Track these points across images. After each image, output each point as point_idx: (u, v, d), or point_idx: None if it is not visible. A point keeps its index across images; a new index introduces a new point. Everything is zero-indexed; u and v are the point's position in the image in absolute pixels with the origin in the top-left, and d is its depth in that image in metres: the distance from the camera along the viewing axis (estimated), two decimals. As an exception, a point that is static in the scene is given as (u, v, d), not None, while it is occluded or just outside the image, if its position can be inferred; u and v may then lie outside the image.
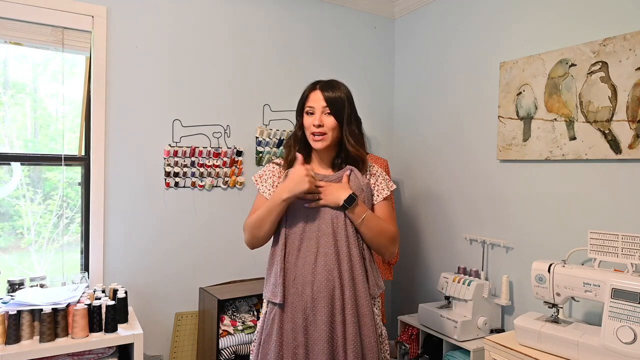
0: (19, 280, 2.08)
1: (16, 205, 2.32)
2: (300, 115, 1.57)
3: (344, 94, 1.54)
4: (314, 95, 1.53)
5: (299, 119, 1.58)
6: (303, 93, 1.58)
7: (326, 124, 1.50)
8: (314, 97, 1.52)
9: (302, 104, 1.56)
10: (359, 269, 1.49)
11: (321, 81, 1.57)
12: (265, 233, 1.52)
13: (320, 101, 1.51)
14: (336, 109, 1.51)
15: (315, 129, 1.50)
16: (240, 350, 2.45)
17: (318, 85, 1.54)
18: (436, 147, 3.02)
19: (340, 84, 1.57)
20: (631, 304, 1.58)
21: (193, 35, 2.64)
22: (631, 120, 1.95)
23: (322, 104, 1.50)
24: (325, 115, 1.51)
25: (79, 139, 2.42)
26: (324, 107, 1.50)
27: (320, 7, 3.08)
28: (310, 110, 1.52)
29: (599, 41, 2.06)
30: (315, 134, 1.51)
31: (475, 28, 2.73)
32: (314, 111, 1.52)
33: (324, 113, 1.51)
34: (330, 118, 1.51)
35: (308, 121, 1.52)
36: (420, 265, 3.14)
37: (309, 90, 1.56)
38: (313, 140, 1.53)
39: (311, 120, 1.51)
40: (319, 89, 1.53)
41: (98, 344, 1.90)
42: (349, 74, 3.18)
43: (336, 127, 1.52)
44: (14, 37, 2.21)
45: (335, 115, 1.51)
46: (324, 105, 1.50)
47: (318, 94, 1.52)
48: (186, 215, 2.64)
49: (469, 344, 2.29)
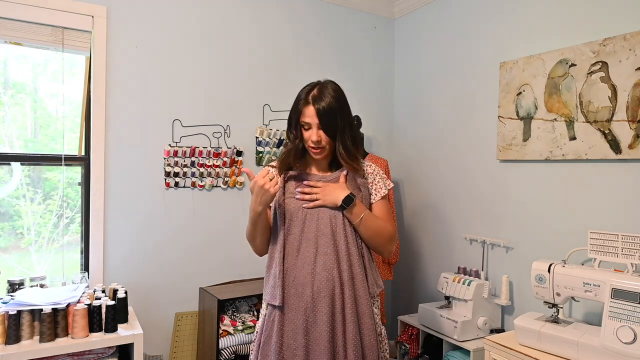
0: (19, 280, 2.08)
1: (16, 205, 2.32)
2: (295, 127, 1.55)
3: (334, 103, 1.50)
4: (307, 110, 1.50)
5: (294, 131, 1.55)
6: (297, 105, 1.54)
7: (323, 139, 1.51)
8: (308, 112, 1.50)
9: (297, 117, 1.54)
10: (358, 268, 1.50)
11: (313, 89, 1.52)
12: (259, 242, 1.56)
13: (314, 117, 1.49)
14: (328, 124, 1.49)
15: (313, 144, 1.51)
16: (240, 350, 2.45)
17: (310, 97, 1.51)
18: (436, 147, 3.02)
19: (331, 92, 1.51)
20: (631, 304, 1.58)
21: (193, 35, 2.64)
22: (631, 120, 1.95)
23: (315, 121, 1.49)
24: (320, 131, 1.51)
25: (79, 139, 2.42)
26: (317, 124, 1.49)
27: (321, 7, 3.08)
28: (307, 126, 1.52)
29: (599, 41, 2.06)
30: (313, 148, 1.53)
31: (475, 28, 2.73)
32: (310, 127, 1.51)
33: (319, 128, 1.50)
34: (323, 133, 1.51)
35: (306, 135, 1.53)
36: (420, 265, 3.14)
37: (302, 104, 1.52)
38: (312, 152, 1.54)
39: (309, 135, 1.52)
40: (311, 102, 1.50)
41: (98, 344, 1.90)
42: (349, 74, 3.18)
43: (330, 139, 1.53)
44: (14, 37, 2.21)
45: (327, 131, 1.50)
46: (317, 122, 1.49)
47: (310, 109, 1.49)
48: (186, 215, 2.64)
49: (469, 344, 2.30)
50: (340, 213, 1.50)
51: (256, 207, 1.47)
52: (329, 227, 1.49)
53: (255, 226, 1.52)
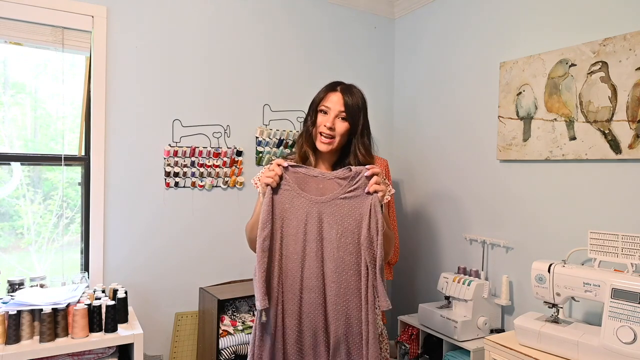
0: (19, 280, 2.08)
1: (16, 205, 2.32)
2: (314, 111, 1.51)
3: (361, 103, 1.50)
4: (333, 96, 1.48)
5: (313, 116, 1.51)
6: (320, 91, 1.52)
7: (337, 128, 1.47)
8: (333, 98, 1.48)
9: (317, 102, 1.51)
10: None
11: (342, 83, 1.52)
12: (255, 235, 1.47)
13: (338, 104, 1.47)
14: (352, 116, 1.47)
15: (326, 129, 1.47)
16: (240, 350, 2.45)
17: (339, 87, 1.50)
18: (436, 147, 3.02)
19: (360, 92, 1.52)
20: (631, 304, 1.58)
21: (193, 35, 2.64)
22: (631, 120, 1.95)
23: (339, 108, 1.46)
24: (338, 120, 1.47)
25: (79, 139, 2.42)
26: (340, 112, 1.46)
27: (320, 7, 3.08)
28: (325, 110, 1.48)
29: (599, 41, 2.06)
30: (324, 135, 1.48)
31: (475, 28, 2.73)
32: (328, 112, 1.48)
33: (338, 117, 1.47)
34: (343, 123, 1.48)
35: (320, 120, 1.49)
36: (420, 265, 3.14)
37: (328, 89, 1.50)
38: (320, 141, 1.49)
39: (323, 120, 1.48)
40: (340, 91, 1.48)
41: (98, 344, 1.90)
42: (349, 74, 3.18)
43: (346, 134, 1.49)
44: (14, 37, 2.21)
45: (350, 122, 1.47)
46: (341, 109, 1.46)
47: (338, 96, 1.47)
48: (186, 215, 2.64)
49: (469, 344, 2.30)
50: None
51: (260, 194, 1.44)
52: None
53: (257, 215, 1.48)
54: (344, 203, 1.39)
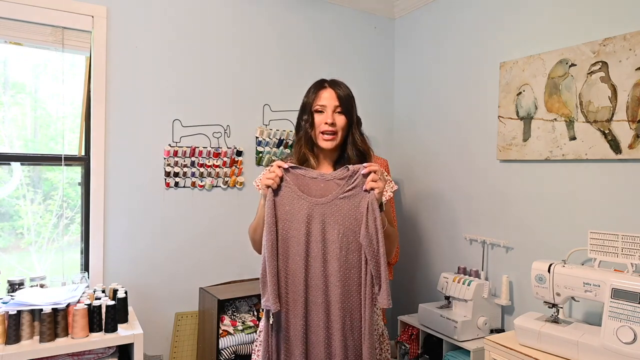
0: (19, 280, 2.07)
1: (16, 205, 2.32)
2: (308, 113, 1.51)
3: (350, 93, 1.53)
4: (325, 93, 1.49)
5: (309, 119, 1.51)
6: (310, 91, 1.53)
7: (338, 123, 1.48)
8: (325, 95, 1.49)
9: (311, 103, 1.51)
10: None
11: (326, 80, 1.54)
12: (259, 236, 1.47)
13: (332, 99, 1.48)
14: (347, 107, 1.49)
15: (328, 127, 1.47)
16: (240, 350, 2.45)
17: (326, 83, 1.52)
18: (436, 147, 3.02)
19: (344, 83, 1.55)
20: (631, 304, 1.58)
21: (193, 35, 2.64)
22: (631, 120, 1.95)
23: (334, 103, 1.48)
24: (336, 114, 1.48)
25: (79, 139, 2.42)
26: (336, 106, 1.48)
27: (320, 7, 3.08)
28: (321, 109, 1.49)
29: (599, 41, 2.06)
30: (326, 133, 1.48)
31: (475, 28, 2.73)
32: (324, 109, 1.48)
33: (335, 112, 1.48)
34: (341, 117, 1.49)
35: (319, 119, 1.49)
36: (420, 265, 3.14)
37: (317, 88, 1.51)
38: (322, 139, 1.49)
39: (322, 119, 1.48)
40: (329, 86, 1.50)
41: (98, 344, 1.90)
42: (349, 74, 3.17)
43: (345, 126, 1.50)
44: (14, 37, 2.21)
45: (347, 114, 1.49)
46: (336, 104, 1.48)
47: (329, 92, 1.49)
48: (186, 215, 2.64)
49: (469, 344, 2.30)
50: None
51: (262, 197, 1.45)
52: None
53: (260, 218, 1.49)
54: (343, 202, 1.40)
